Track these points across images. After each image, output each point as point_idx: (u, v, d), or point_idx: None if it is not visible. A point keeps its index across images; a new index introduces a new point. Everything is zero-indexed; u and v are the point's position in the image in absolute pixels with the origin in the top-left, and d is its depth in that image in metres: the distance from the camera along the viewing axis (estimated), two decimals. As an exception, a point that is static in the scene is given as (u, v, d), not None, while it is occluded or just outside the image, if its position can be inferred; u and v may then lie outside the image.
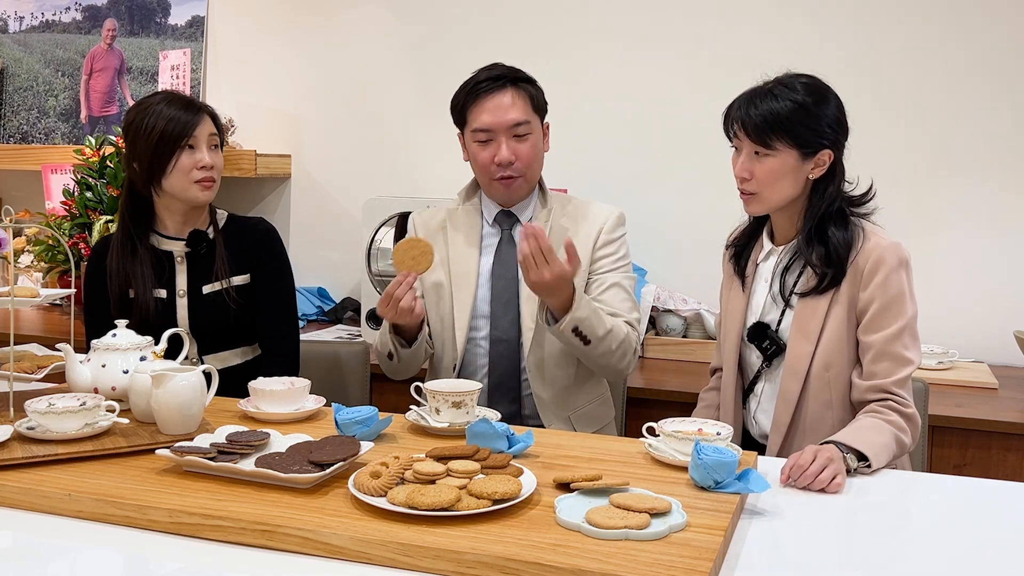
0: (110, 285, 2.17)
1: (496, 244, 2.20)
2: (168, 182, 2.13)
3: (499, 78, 2.11)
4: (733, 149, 1.91)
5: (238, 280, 2.23)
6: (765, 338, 1.92)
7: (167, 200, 2.18)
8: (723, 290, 2.09)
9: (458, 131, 2.21)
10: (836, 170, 1.87)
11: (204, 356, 2.21)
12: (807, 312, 1.87)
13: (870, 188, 1.92)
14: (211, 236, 2.23)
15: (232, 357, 2.25)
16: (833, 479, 1.56)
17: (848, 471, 1.62)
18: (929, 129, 2.90)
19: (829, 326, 1.85)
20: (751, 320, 1.96)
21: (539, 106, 2.16)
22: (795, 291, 1.89)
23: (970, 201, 2.87)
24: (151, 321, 2.12)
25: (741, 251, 2.03)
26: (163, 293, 2.19)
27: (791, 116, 1.80)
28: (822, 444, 1.66)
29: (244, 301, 2.22)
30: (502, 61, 2.18)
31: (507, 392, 2.15)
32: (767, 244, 1.98)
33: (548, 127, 2.21)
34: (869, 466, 1.65)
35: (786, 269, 1.92)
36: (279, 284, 2.28)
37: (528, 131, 2.12)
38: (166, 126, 2.09)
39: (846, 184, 1.91)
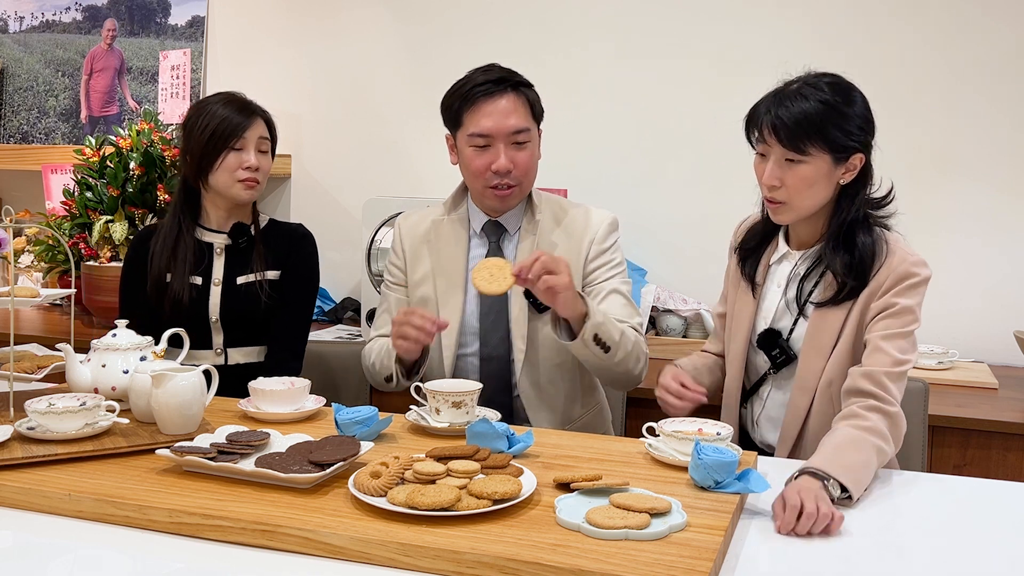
0: (151, 267, 2.24)
1: (483, 257, 2.09)
2: (214, 178, 2.22)
3: (500, 81, 2.02)
4: (757, 154, 1.81)
5: (272, 274, 2.29)
6: (775, 347, 1.87)
7: (213, 195, 2.27)
8: (728, 287, 2.02)
9: (447, 133, 2.14)
10: (867, 174, 1.81)
11: (229, 348, 2.27)
12: (822, 325, 1.81)
13: (890, 191, 1.85)
14: (252, 232, 2.30)
15: (255, 354, 2.29)
16: (834, 515, 1.41)
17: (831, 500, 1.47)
18: (929, 129, 2.89)
19: (842, 342, 1.79)
20: (761, 326, 1.90)
21: (537, 113, 2.09)
22: (811, 300, 1.83)
23: (970, 201, 2.87)
24: (183, 306, 2.20)
25: (749, 255, 1.94)
26: (199, 280, 2.25)
27: (823, 117, 1.72)
28: (799, 474, 1.50)
29: (275, 295, 2.27)
30: (500, 62, 2.13)
31: (499, 410, 2.04)
32: (782, 246, 1.91)
33: (541, 133, 2.13)
34: (850, 498, 1.51)
35: (803, 277, 1.85)
36: (303, 287, 2.33)
37: (527, 139, 2.04)
38: (218, 126, 2.20)
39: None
